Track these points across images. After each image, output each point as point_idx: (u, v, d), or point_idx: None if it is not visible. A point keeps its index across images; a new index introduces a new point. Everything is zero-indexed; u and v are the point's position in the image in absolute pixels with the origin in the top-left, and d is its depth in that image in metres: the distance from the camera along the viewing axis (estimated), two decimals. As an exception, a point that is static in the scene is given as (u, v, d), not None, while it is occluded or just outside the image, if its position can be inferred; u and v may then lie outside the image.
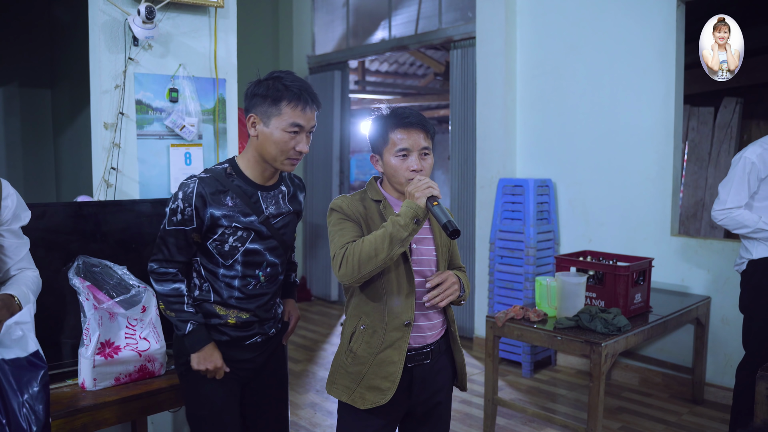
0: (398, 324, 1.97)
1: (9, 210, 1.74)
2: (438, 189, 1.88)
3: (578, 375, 4.58)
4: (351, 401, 2.01)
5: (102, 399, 2.18)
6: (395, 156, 1.97)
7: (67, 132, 5.79)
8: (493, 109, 4.96)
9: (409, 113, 2.00)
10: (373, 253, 1.84)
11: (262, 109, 2.02)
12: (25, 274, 1.83)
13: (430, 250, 2.07)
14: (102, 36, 2.82)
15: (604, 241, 4.52)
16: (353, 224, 1.99)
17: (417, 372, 2.03)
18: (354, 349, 2.01)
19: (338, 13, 6.91)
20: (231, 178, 2.09)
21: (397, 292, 1.98)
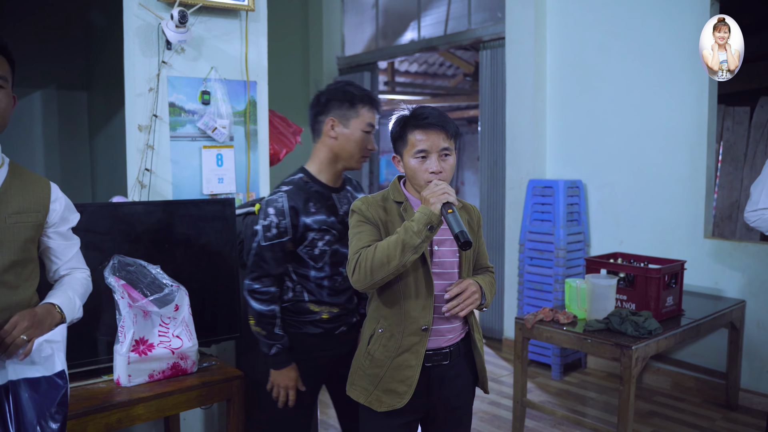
0: (415, 329, 1.95)
1: (56, 213, 1.79)
2: (455, 195, 1.84)
3: (609, 378, 4.53)
4: (368, 403, 2.01)
5: (136, 395, 2.23)
6: (414, 157, 1.94)
7: (102, 133, 5.92)
8: (522, 110, 4.94)
9: (429, 113, 1.94)
10: (385, 260, 1.82)
11: (340, 112, 2.25)
12: (74, 276, 1.87)
13: (452, 252, 2.02)
14: (136, 40, 2.88)
15: (635, 243, 4.46)
16: (371, 227, 1.97)
17: (435, 373, 2.01)
18: (372, 352, 2.01)
19: (368, 14, 6.94)
20: (308, 185, 2.29)
21: (415, 296, 1.95)
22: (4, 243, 1.64)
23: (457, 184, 10.80)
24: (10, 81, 1.64)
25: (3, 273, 1.63)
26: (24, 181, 1.72)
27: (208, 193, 3.07)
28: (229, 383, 2.43)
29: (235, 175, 3.15)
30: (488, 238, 5.42)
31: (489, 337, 5.48)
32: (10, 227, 1.65)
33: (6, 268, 1.64)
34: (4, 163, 1.69)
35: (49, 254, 1.83)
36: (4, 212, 1.64)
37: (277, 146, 3.59)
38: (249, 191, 3.20)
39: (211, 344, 2.76)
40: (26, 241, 1.69)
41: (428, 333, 1.96)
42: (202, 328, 2.57)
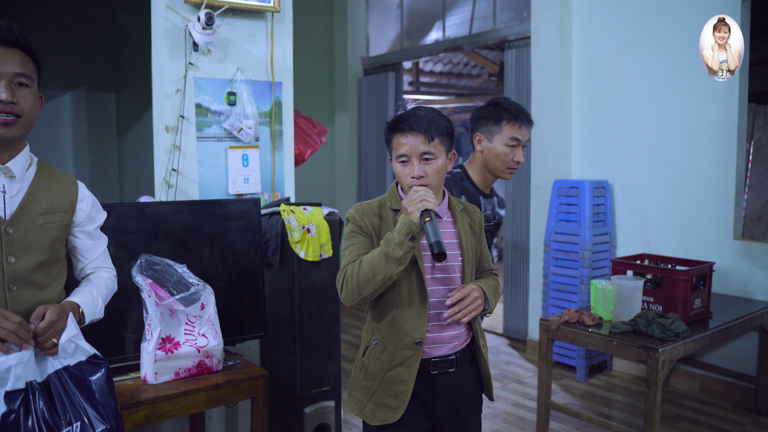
0: (409, 342, 1.88)
1: (83, 212, 1.81)
2: (434, 201, 1.77)
3: (635, 381, 4.48)
4: (362, 416, 1.96)
5: (162, 392, 2.26)
6: (397, 162, 1.88)
7: (130, 134, 6.00)
8: (548, 110, 4.90)
9: (408, 116, 1.87)
10: (370, 275, 1.77)
11: (486, 128, 2.44)
12: (99, 275, 1.89)
13: (454, 256, 1.95)
14: (164, 42, 2.91)
15: (662, 244, 4.40)
16: (363, 239, 1.91)
17: (441, 381, 1.95)
18: (366, 364, 1.96)
19: (392, 14, 6.94)
20: (463, 181, 2.46)
21: (408, 308, 1.89)
22: (33, 244, 1.66)
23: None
24: (35, 80, 1.65)
25: (32, 273, 1.66)
26: (52, 180, 1.74)
27: (233, 193, 3.10)
28: (254, 382, 2.45)
29: (261, 175, 3.17)
30: (513, 239, 5.39)
31: (513, 338, 5.45)
32: (39, 228, 1.67)
33: (35, 268, 1.66)
34: (33, 163, 1.72)
35: (76, 253, 1.85)
36: (32, 213, 1.66)
37: (302, 146, 3.62)
38: (274, 191, 3.22)
39: (236, 343, 2.79)
40: (54, 241, 1.72)
41: (422, 347, 1.89)
42: (227, 327, 2.60)
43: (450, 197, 2.03)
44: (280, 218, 2.91)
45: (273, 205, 3.03)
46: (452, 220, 1.98)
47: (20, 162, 1.66)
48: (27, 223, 1.65)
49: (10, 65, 1.57)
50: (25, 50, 1.62)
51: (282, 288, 3.00)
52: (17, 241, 1.63)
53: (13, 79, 1.58)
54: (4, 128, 1.57)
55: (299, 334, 2.95)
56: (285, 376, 3.03)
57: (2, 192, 1.63)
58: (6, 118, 1.56)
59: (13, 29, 1.59)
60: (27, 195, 1.67)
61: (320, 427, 3.05)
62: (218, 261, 2.68)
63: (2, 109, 1.56)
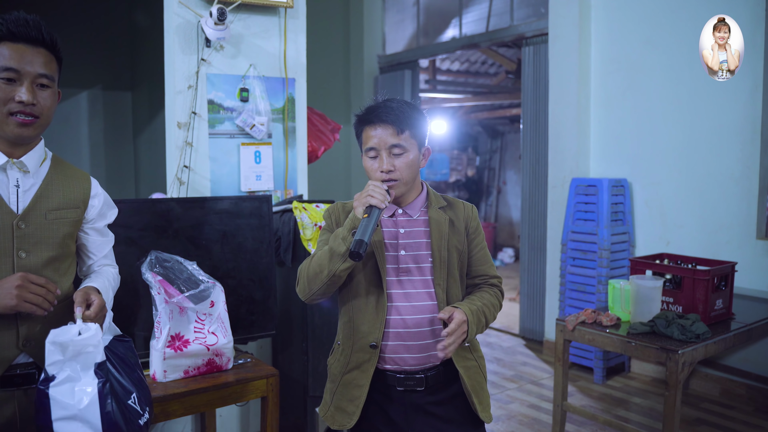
0: (364, 344, 1.78)
1: (95, 209, 1.80)
2: (382, 196, 1.67)
3: (653, 383, 4.40)
4: (325, 418, 1.88)
5: (172, 390, 2.23)
6: (366, 156, 1.79)
7: (146, 132, 6.02)
8: (566, 107, 4.83)
9: (377, 107, 1.78)
10: (318, 270, 1.71)
11: None
12: (106, 270, 1.88)
13: (423, 256, 1.82)
14: (176, 38, 2.90)
15: (682, 243, 4.32)
16: (330, 235, 1.82)
17: (411, 399, 1.80)
18: (330, 364, 1.91)
19: (408, 12, 6.89)
20: None
21: (365, 309, 1.79)
22: (44, 239, 1.66)
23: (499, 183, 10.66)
24: (56, 80, 1.66)
25: (42, 268, 1.65)
26: (65, 176, 1.74)
27: (246, 190, 3.08)
28: (265, 381, 2.43)
29: (273, 172, 3.15)
30: (530, 238, 5.32)
31: (529, 339, 5.38)
32: (50, 223, 1.67)
33: (45, 263, 1.66)
34: (47, 158, 1.72)
35: (85, 250, 1.85)
36: (44, 208, 1.66)
37: (316, 143, 3.58)
38: (287, 188, 3.19)
39: (247, 341, 2.76)
40: (65, 237, 1.71)
41: (377, 351, 1.77)
42: (237, 325, 2.58)
43: (430, 193, 1.91)
44: (293, 216, 2.88)
45: (285, 203, 3.00)
46: (426, 218, 1.85)
47: (34, 157, 1.66)
48: (39, 218, 1.65)
49: (35, 65, 1.58)
50: (50, 48, 1.62)
51: (293, 286, 2.96)
52: (29, 236, 1.63)
53: (35, 80, 1.58)
54: (22, 128, 1.58)
55: (311, 333, 2.92)
56: (296, 375, 3.00)
57: (16, 186, 1.63)
58: (25, 119, 1.57)
59: (41, 27, 1.59)
60: (40, 190, 1.67)
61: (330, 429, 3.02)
62: (229, 258, 2.66)
63: (22, 110, 1.57)
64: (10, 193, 1.62)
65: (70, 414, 1.49)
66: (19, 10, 1.60)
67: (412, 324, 1.79)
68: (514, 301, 6.68)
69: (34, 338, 1.63)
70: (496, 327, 5.79)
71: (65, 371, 1.52)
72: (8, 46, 1.56)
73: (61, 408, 1.49)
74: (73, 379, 1.52)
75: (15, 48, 1.56)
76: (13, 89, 1.55)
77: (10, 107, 1.56)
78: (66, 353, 1.52)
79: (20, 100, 1.55)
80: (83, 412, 1.50)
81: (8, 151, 1.61)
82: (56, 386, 1.50)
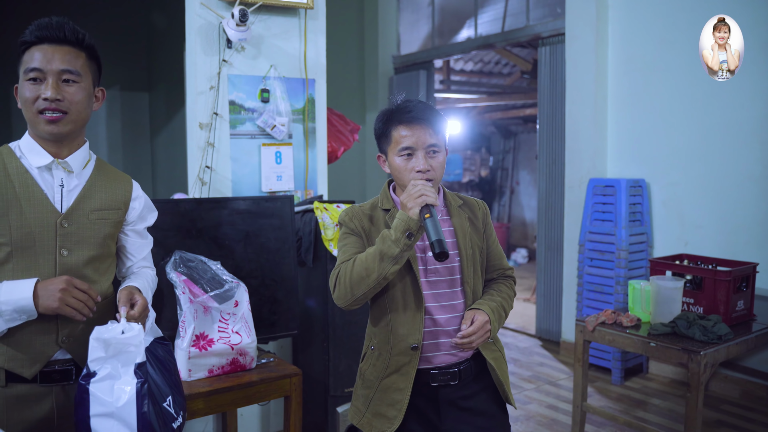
0: (404, 347, 1.77)
1: (135, 212, 1.84)
2: (434, 196, 1.65)
3: (672, 384, 4.38)
4: (360, 426, 1.86)
5: (196, 389, 2.25)
6: (398, 155, 1.76)
7: (163, 132, 6.06)
8: (583, 107, 4.82)
9: (413, 107, 1.76)
10: (364, 274, 1.66)
11: None
12: (144, 272, 1.91)
13: (451, 255, 1.81)
14: (198, 39, 2.92)
15: (701, 244, 4.29)
16: (356, 239, 1.82)
17: (443, 394, 1.82)
18: (363, 371, 1.88)
19: (423, 12, 6.90)
20: None
21: (402, 311, 1.78)
22: (86, 239, 1.69)
23: (512, 183, 10.65)
24: (86, 75, 1.67)
25: (83, 267, 1.68)
26: (108, 178, 1.77)
27: (266, 191, 3.09)
28: (288, 380, 2.43)
29: (294, 172, 3.16)
30: (547, 238, 5.31)
31: (546, 339, 5.37)
32: (93, 223, 1.70)
33: (86, 262, 1.69)
34: (91, 159, 1.76)
35: (124, 251, 1.87)
36: (87, 208, 1.69)
37: (335, 144, 3.60)
38: (307, 189, 3.21)
39: (269, 341, 2.77)
40: (106, 238, 1.74)
41: (418, 352, 1.77)
42: (260, 325, 2.59)
43: (446, 192, 1.91)
44: (314, 216, 2.89)
45: (306, 203, 3.02)
46: (448, 217, 1.87)
47: (78, 158, 1.70)
48: (82, 217, 1.68)
49: (55, 62, 1.60)
50: (77, 45, 1.65)
51: (315, 286, 2.98)
52: (71, 235, 1.66)
53: (59, 76, 1.61)
54: (52, 125, 1.61)
55: (332, 332, 2.93)
56: (317, 375, 3.01)
57: (60, 186, 1.67)
58: (52, 115, 1.60)
59: (63, 27, 1.62)
60: (83, 190, 1.70)
61: (352, 427, 3.02)
62: (251, 258, 2.67)
63: (47, 107, 1.59)
64: (54, 192, 1.66)
65: (107, 411, 1.51)
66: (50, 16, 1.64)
67: (444, 323, 1.81)
68: (529, 302, 6.66)
69: (73, 335, 1.66)
70: (512, 327, 5.78)
71: (106, 368, 1.54)
72: (34, 50, 1.60)
73: (99, 404, 1.51)
74: (113, 376, 1.54)
75: (39, 49, 1.60)
76: (39, 88, 1.59)
77: (38, 105, 1.59)
78: (108, 350, 1.54)
79: (45, 97, 1.58)
80: (120, 411, 1.51)
81: (54, 151, 1.65)
82: (96, 382, 1.52)
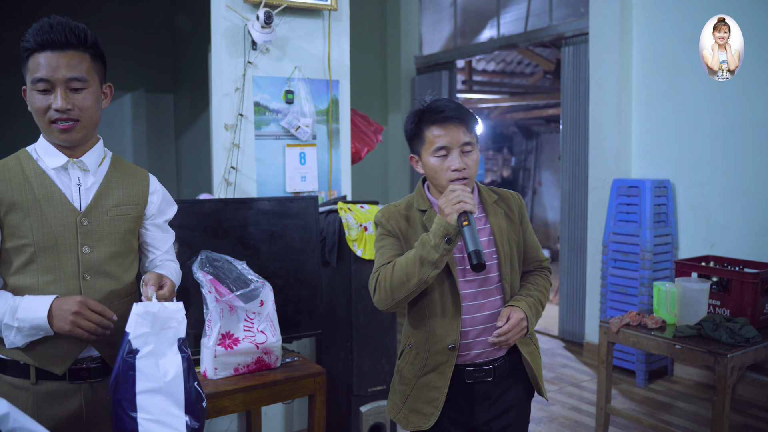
0: (441, 347, 1.80)
1: (154, 205, 1.85)
2: (472, 202, 1.65)
3: (697, 387, 4.33)
4: (397, 420, 1.90)
5: (222, 388, 2.28)
6: (433, 155, 1.77)
7: (187, 133, 6.12)
8: (607, 107, 4.78)
9: (445, 106, 1.77)
10: (404, 278, 1.68)
11: None
12: (168, 264, 1.93)
13: (489, 254, 1.82)
14: (223, 41, 2.95)
15: (727, 245, 4.24)
16: (393, 240, 1.83)
17: (478, 390, 1.85)
18: (401, 368, 1.91)
19: (445, 12, 6.89)
20: None
21: (440, 313, 1.80)
22: (106, 235, 1.71)
23: (535, 184, 10.59)
24: (92, 79, 1.64)
25: (105, 263, 1.70)
26: (125, 173, 1.79)
27: (291, 191, 3.12)
28: (312, 379, 2.45)
29: (318, 173, 3.18)
30: (570, 239, 5.28)
31: (569, 341, 5.33)
32: (112, 220, 1.72)
33: (108, 258, 1.71)
34: (107, 156, 1.77)
35: (146, 246, 1.89)
36: (106, 205, 1.71)
37: (359, 145, 3.61)
38: (331, 189, 3.23)
39: (293, 340, 2.79)
40: (126, 233, 1.76)
41: (455, 352, 1.80)
42: (284, 324, 2.61)
43: (480, 188, 1.91)
44: (338, 216, 2.91)
45: (330, 203, 3.03)
46: (484, 215, 1.87)
47: (93, 156, 1.71)
48: (101, 214, 1.70)
49: (62, 71, 1.58)
50: (79, 48, 1.61)
51: (339, 286, 3.00)
52: (92, 232, 1.68)
53: (67, 85, 1.59)
54: (65, 134, 1.62)
55: (356, 332, 2.94)
56: (341, 375, 3.03)
57: (78, 184, 1.68)
58: (65, 125, 1.61)
59: (63, 30, 1.58)
60: (101, 188, 1.72)
61: (375, 427, 3.04)
62: (276, 258, 2.69)
63: (59, 117, 1.60)
64: (72, 191, 1.67)
65: (155, 386, 1.50)
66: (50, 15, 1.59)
67: (482, 321, 1.83)
68: (552, 303, 6.62)
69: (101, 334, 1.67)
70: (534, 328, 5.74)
71: (149, 344, 1.53)
72: (38, 57, 1.58)
73: (147, 380, 1.50)
74: (158, 353, 1.53)
75: (44, 57, 1.57)
76: (48, 98, 1.59)
77: (50, 115, 1.60)
78: (154, 325, 1.54)
79: (56, 108, 1.58)
80: (168, 385, 1.51)
81: (68, 152, 1.67)
82: (142, 359, 1.51)
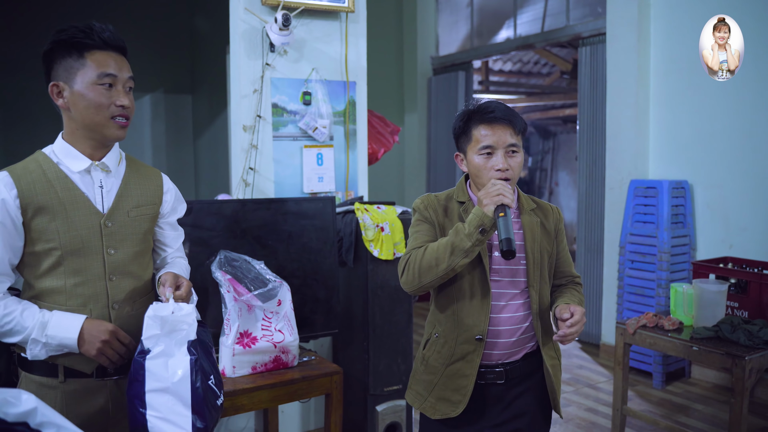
0: (469, 337, 1.81)
1: (168, 204, 1.89)
2: (511, 197, 1.68)
3: (715, 389, 4.30)
4: (422, 409, 1.91)
5: (240, 386, 2.30)
6: (478, 154, 1.80)
7: (205, 134, 6.17)
8: (624, 108, 4.77)
9: (495, 107, 1.80)
10: (433, 263, 1.71)
11: None
12: (178, 261, 1.96)
13: (516, 259, 1.83)
14: (242, 43, 2.98)
15: (746, 247, 4.21)
16: (429, 227, 1.86)
17: (490, 392, 1.86)
18: (426, 357, 1.91)
19: (462, 13, 6.89)
20: None
21: (469, 303, 1.81)
22: (128, 236, 1.74)
23: (551, 184, 10.56)
24: None
25: (129, 263, 1.74)
26: (140, 174, 1.82)
27: (308, 192, 3.14)
28: (329, 378, 2.48)
29: (335, 174, 3.20)
30: (587, 240, 5.26)
31: (585, 342, 5.32)
32: (133, 220, 1.75)
33: (132, 258, 1.75)
34: (122, 157, 1.80)
35: (159, 244, 1.92)
36: (126, 206, 1.74)
37: (376, 146, 3.63)
38: (348, 190, 3.25)
39: (309, 340, 2.82)
40: (146, 233, 1.80)
41: (483, 344, 1.81)
42: (301, 324, 2.64)
43: (521, 194, 1.94)
44: (354, 217, 2.93)
45: (347, 204, 3.06)
46: (519, 220, 1.89)
47: (113, 157, 1.75)
48: (123, 216, 1.73)
49: (124, 70, 1.68)
50: (126, 54, 1.72)
51: (355, 286, 3.02)
52: (115, 234, 1.71)
53: (126, 84, 1.68)
54: (121, 130, 1.68)
55: (372, 332, 2.96)
56: (357, 374, 3.05)
57: (100, 187, 1.71)
58: (123, 122, 1.68)
59: (119, 36, 1.68)
60: (120, 189, 1.75)
61: (392, 426, 3.06)
62: (294, 258, 2.72)
63: (121, 113, 1.66)
64: (95, 194, 1.70)
65: (163, 386, 1.55)
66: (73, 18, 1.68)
67: (504, 322, 1.84)
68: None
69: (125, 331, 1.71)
70: (550, 329, 5.74)
71: (160, 346, 1.58)
72: (101, 54, 1.64)
73: (155, 380, 1.55)
74: (167, 354, 1.58)
75: (108, 55, 1.65)
76: (112, 94, 1.65)
77: (112, 111, 1.65)
78: (164, 328, 1.58)
79: (121, 104, 1.65)
80: (176, 386, 1.55)
81: (90, 153, 1.69)
82: (152, 359, 1.56)
